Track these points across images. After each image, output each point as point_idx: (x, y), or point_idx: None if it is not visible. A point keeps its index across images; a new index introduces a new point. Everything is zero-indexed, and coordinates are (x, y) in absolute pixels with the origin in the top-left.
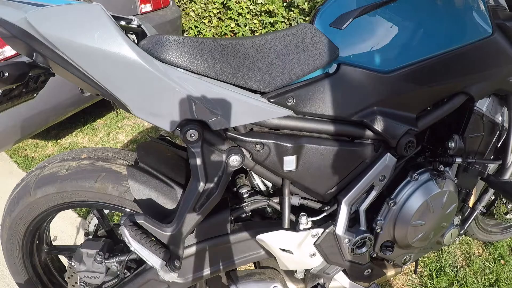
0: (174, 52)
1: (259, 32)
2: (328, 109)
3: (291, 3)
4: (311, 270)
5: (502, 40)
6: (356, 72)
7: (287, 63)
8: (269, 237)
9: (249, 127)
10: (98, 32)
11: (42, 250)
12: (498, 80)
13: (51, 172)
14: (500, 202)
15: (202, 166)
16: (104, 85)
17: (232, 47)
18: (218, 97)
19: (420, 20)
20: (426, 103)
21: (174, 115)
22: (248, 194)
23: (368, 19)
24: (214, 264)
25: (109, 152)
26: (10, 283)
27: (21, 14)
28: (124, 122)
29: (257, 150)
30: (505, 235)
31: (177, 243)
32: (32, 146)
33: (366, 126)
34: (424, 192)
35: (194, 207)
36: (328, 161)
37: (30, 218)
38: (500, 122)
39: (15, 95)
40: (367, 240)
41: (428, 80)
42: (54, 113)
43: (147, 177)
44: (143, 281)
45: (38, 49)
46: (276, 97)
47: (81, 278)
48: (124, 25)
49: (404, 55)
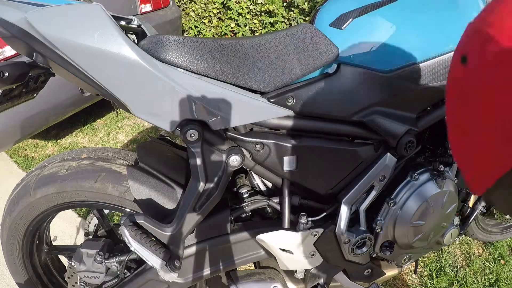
0: (174, 52)
1: (259, 32)
2: (328, 109)
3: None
4: (311, 270)
5: None
6: (356, 72)
7: (287, 63)
8: (269, 237)
9: (249, 127)
10: (98, 32)
11: (42, 250)
12: None
13: (51, 172)
14: None
15: (202, 166)
16: (104, 85)
17: (232, 47)
18: (218, 97)
19: (420, 20)
20: (426, 103)
21: (174, 115)
22: (248, 194)
23: (368, 19)
24: (214, 264)
25: (109, 152)
26: (10, 283)
27: (21, 14)
28: (124, 122)
29: (257, 150)
30: (505, 235)
31: (177, 243)
32: (32, 146)
33: (366, 126)
34: (424, 192)
35: (194, 207)
36: (328, 161)
37: (30, 218)
38: None
39: (15, 95)
40: (367, 240)
41: (428, 80)
42: (54, 113)
43: (147, 177)
44: (143, 281)
45: (38, 49)
46: (276, 97)
47: (81, 278)
48: (124, 25)
49: (404, 55)
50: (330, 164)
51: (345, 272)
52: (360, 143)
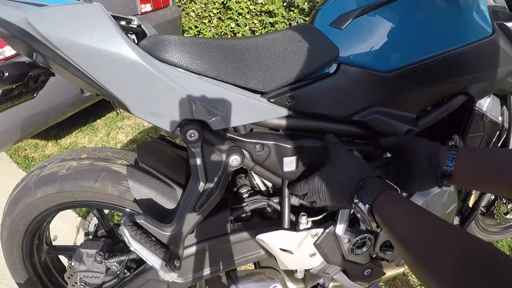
0: (174, 52)
1: (259, 32)
2: (328, 109)
3: (291, 3)
4: (311, 270)
5: (502, 40)
6: (356, 72)
7: (287, 63)
8: (269, 237)
9: (249, 127)
10: (98, 32)
11: (42, 250)
12: (498, 80)
13: (51, 172)
14: (500, 202)
15: (202, 166)
16: (104, 85)
17: (232, 47)
18: (218, 97)
19: (420, 20)
20: (426, 103)
21: (174, 115)
22: (248, 194)
23: (368, 19)
24: (214, 264)
25: (109, 152)
26: (10, 283)
27: (21, 14)
28: (124, 122)
29: (257, 151)
30: (505, 235)
31: (177, 243)
32: (32, 146)
33: (366, 126)
34: (424, 192)
35: (194, 207)
36: None
37: (30, 218)
38: (500, 122)
39: (15, 95)
40: (367, 240)
41: (428, 80)
42: (54, 113)
43: (147, 177)
44: (143, 281)
45: (38, 49)
46: (276, 97)
47: (81, 278)
48: (124, 25)
49: (404, 55)
50: None
51: (345, 272)
52: (360, 143)
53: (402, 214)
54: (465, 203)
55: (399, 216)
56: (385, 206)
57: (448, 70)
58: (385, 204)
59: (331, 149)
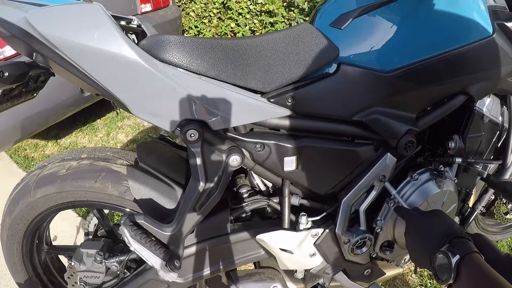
0: (174, 52)
1: (259, 32)
2: (328, 109)
3: (291, 3)
4: (311, 270)
5: (502, 40)
6: (356, 72)
7: (287, 63)
8: (269, 237)
9: (249, 127)
10: (98, 32)
11: (42, 250)
12: (498, 80)
13: (51, 172)
14: (500, 202)
15: (202, 166)
16: (104, 85)
17: (232, 47)
18: (218, 97)
19: (420, 20)
20: (426, 103)
21: (174, 115)
22: (248, 194)
23: (368, 19)
24: (214, 264)
25: (109, 152)
26: (10, 283)
27: (21, 14)
28: (124, 122)
29: (257, 150)
30: (505, 235)
31: (177, 243)
32: (32, 146)
33: (366, 126)
34: (424, 192)
35: (194, 207)
36: (328, 161)
37: (30, 218)
38: (500, 122)
39: (15, 95)
40: (367, 240)
41: (428, 80)
42: (54, 113)
43: (147, 177)
44: (143, 281)
45: (38, 49)
46: (276, 97)
47: (81, 278)
48: (124, 25)
49: (404, 55)
50: (330, 164)
51: (345, 272)
52: (360, 143)
53: (485, 282)
54: (465, 203)
55: (483, 282)
56: (473, 266)
57: (448, 70)
58: (473, 264)
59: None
